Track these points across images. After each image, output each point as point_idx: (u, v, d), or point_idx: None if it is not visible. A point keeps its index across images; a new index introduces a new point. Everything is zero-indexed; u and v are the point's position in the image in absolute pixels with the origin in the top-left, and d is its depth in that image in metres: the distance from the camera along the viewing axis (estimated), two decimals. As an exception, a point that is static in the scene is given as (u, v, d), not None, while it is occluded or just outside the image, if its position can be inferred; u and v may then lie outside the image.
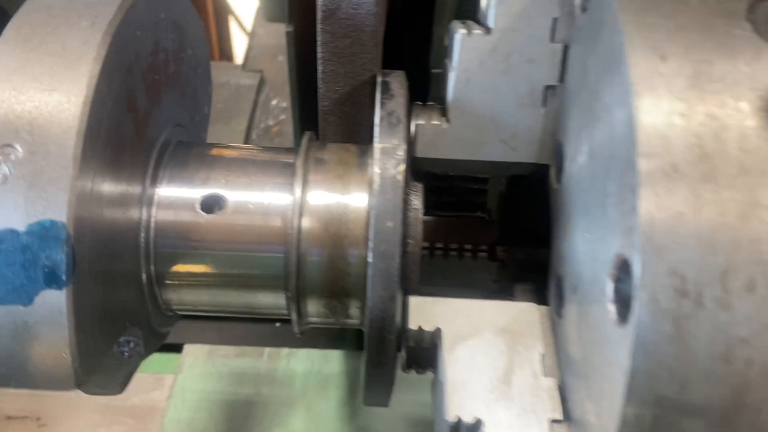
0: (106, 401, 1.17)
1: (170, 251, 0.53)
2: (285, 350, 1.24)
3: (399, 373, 1.22)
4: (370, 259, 0.47)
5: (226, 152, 0.58)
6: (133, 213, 0.50)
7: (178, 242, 0.53)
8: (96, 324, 0.44)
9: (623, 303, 0.39)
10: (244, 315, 0.58)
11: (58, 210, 0.40)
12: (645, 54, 0.39)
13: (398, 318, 0.48)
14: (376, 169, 0.47)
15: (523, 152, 0.55)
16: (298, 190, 0.53)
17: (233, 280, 0.55)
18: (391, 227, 0.47)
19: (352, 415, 1.14)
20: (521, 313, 0.53)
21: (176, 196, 0.54)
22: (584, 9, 0.48)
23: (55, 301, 0.41)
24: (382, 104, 0.51)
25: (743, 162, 0.37)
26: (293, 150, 0.59)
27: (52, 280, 0.40)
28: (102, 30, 0.44)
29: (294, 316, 0.55)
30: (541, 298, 0.63)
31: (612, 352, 0.39)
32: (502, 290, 0.68)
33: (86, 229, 0.42)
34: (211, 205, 0.54)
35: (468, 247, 0.68)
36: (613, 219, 0.40)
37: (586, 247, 0.45)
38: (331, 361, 1.22)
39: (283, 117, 1.97)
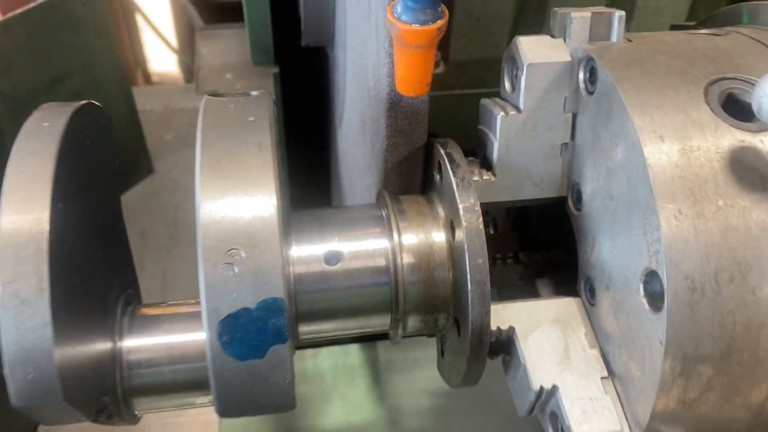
0: (162, 420, 1.32)
1: (307, 295, 0.71)
2: (309, 351, 1.43)
3: (413, 355, 1.43)
4: (469, 287, 0.67)
5: (329, 214, 0.76)
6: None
7: (311, 287, 0.71)
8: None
9: (652, 297, 0.61)
10: (359, 334, 0.77)
11: (276, 290, 0.58)
12: (650, 137, 0.61)
13: (490, 325, 0.68)
14: (464, 222, 0.67)
15: (549, 190, 0.76)
16: (395, 236, 0.72)
17: (353, 310, 0.74)
18: (481, 263, 0.67)
19: (381, 398, 1.35)
20: (565, 307, 0.74)
21: (306, 254, 0.71)
22: (590, 93, 0.69)
23: (280, 352, 0.59)
24: (454, 172, 0.70)
25: (718, 202, 0.59)
26: (375, 205, 0.78)
27: (277, 338, 0.58)
28: (269, 153, 0.62)
29: (399, 330, 0.75)
30: (560, 290, 0.85)
31: (649, 330, 0.61)
32: (526, 285, 0.90)
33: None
34: (331, 258, 0.72)
35: (498, 255, 0.89)
36: (639, 243, 0.62)
37: (616, 260, 0.67)
38: (351, 354, 1.42)
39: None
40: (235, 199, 0.60)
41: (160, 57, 3.92)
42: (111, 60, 1.70)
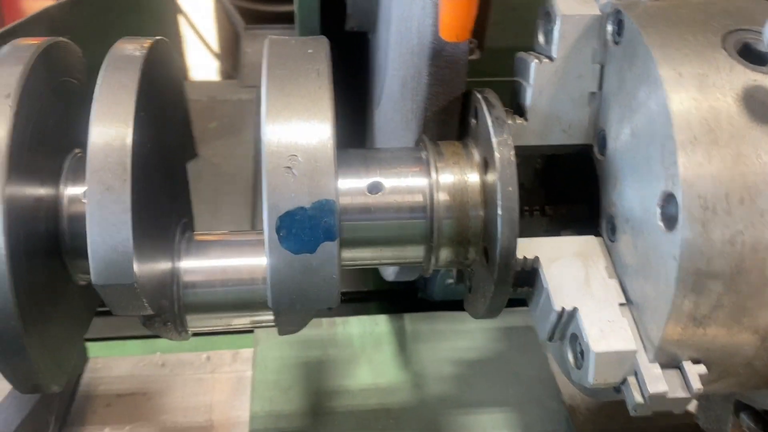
0: (197, 376, 1.39)
1: (350, 223, 0.78)
2: (339, 319, 1.50)
3: (438, 327, 1.49)
4: (499, 212, 0.73)
5: (372, 153, 0.83)
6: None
7: (355, 216, 0.78)
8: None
9: (668, 219, 0.67)
10: (395, 264, 0.83)
11: (329, 192, 0.65)
12: (669, 73, 0.67)
13: (516, 251, 0.75)
14: (497, 154, 0.74)
15: (576, 137, 0.82)
16: (433, 174, 0.79)
17: (391, 239, 0.80)
18: (512, 191, 0.73)
19: (406, 364, 1.41)
20: (586, 243, 0.80)
21: (351, 185, 0.79)
22: (616, 43, 0.76)
23: (329, 248, 0.66)
24: (490, 112, 0.77)
25: (731, 131, 0.65)
26: (415, 148, 0.85)
27: (327, 236, 0.65)
28: (326, 77, 0.69)
29: (433, 261, 0.81)
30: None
31: (665, 249, 0.67)
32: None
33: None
34: (373, 188, 0.79)
35: (525, 207, 0.95)
36: (657, 171, 0.68)
37: (635, 192, 0.73)
38: (380, 324, 1.49)
39: (283, 126, 2.21)
40: (296, 114, 0.67)
41: (201, 65, 4.06)
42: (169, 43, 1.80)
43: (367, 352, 1.40)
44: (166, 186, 0.83)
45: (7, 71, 0.68)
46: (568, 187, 0.97)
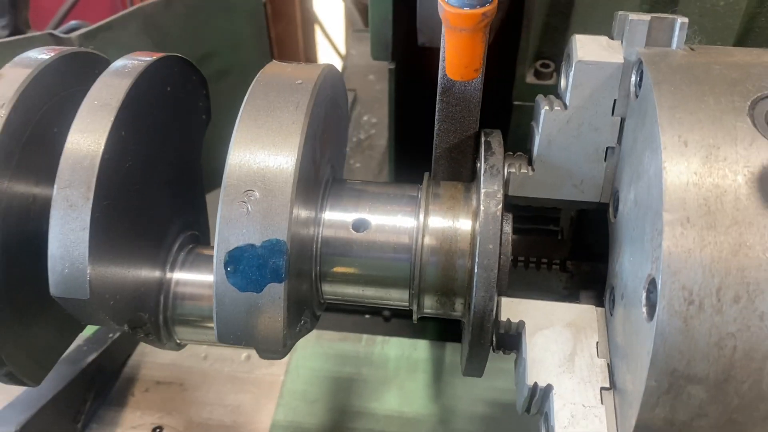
0: (234, 374, 1.42)
1: (330, 258, 0.75)
2: (379, 338, 1.47)
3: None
4: (476, 270, 0.68)
5: (368, 187, 0.80)
6: (311, 230, 0.73)
7: (336, 250, 0.75)
8: (293, 307, 0.67)
9: (651, 307, 0.59)
10: (376, 305, 0.80)
11: (281, 233, 0.63)
12: (672, 140, 0.58)
13: (494, 312, 0.69)
14: (482, 207, 0.68)
15: (589, 194, 0.74)
16: (421, 217, 0.75)
17: (373, 279, 0.77)
18: (491, 248, 0.67)
19: (437, 396, 1.36)
20: (583, 312, 0.72)
21: (336, 219, 0.76)
22: (637, 96, 0.68)
23: (276, 290, 0.63)
24: (486, 159, 0.71)
25: (735, 216, 0.56)
26: (416, 186, 0.80)
27: (275, 277, 0.63)
28: (303, 112, 0.67)
29: (414, 307, 0.77)
30: (600, 302, 0.82)
31: (643, 339, 0.59)
32: (570, 296, 0.87)
33: (294, 243, 0.65)
34: (359, 226, 0.75)
35: (544, 260, 0.87)
36: (647, 250, 0.59)
37: (631, 268, 0.65)
38: (419, 349, 1.44)
39: (373, 131, 2.20)
40: (263, 147, 0.65)
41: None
42: (257, 44, 1.84)
43: (400, 377, 1.37)
44: (168, 196, 0.84)
45: (11, 77, 0.71)
46: (599, 244, 0.89)
